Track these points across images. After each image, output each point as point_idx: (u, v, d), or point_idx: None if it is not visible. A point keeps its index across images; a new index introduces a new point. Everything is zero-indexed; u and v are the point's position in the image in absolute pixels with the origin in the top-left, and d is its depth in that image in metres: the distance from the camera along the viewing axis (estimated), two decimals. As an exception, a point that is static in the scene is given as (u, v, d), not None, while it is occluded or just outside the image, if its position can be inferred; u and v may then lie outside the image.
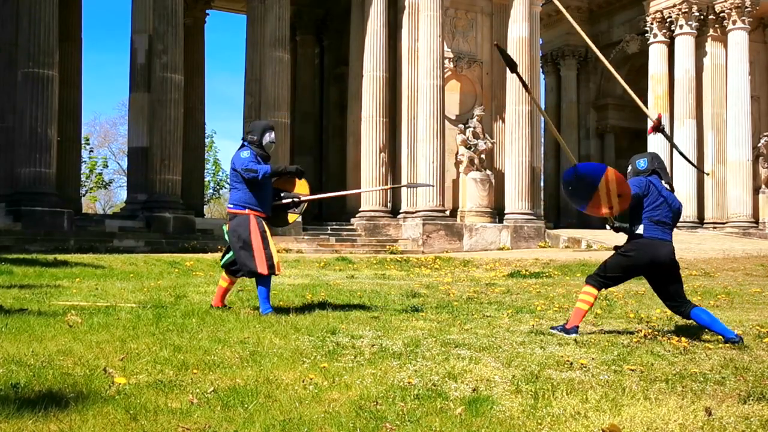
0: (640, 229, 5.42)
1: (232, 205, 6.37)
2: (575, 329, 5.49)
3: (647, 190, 5.45)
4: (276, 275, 6.46)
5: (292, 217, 6.85)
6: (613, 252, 5.68)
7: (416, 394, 3.48)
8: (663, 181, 5.56)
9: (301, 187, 6.83)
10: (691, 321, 5.54)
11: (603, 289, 5.79)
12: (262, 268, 6.17)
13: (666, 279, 5.46)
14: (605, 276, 5.61)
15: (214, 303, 6.68)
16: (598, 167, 5.47)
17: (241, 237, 6.23)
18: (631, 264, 5.47)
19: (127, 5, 35.21)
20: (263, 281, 6.28)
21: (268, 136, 6.47)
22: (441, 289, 9.65)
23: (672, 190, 5.62)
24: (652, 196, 5.44)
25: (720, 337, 5.39)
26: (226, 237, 6.50)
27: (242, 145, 6.49)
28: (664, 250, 5.40)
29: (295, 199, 6.70)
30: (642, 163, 5.64)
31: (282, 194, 6.69)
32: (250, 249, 6.20)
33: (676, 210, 5.52)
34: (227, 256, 6.52)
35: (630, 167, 5.73)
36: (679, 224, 28.28)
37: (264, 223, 6.33)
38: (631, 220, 5.53)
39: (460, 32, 22.15)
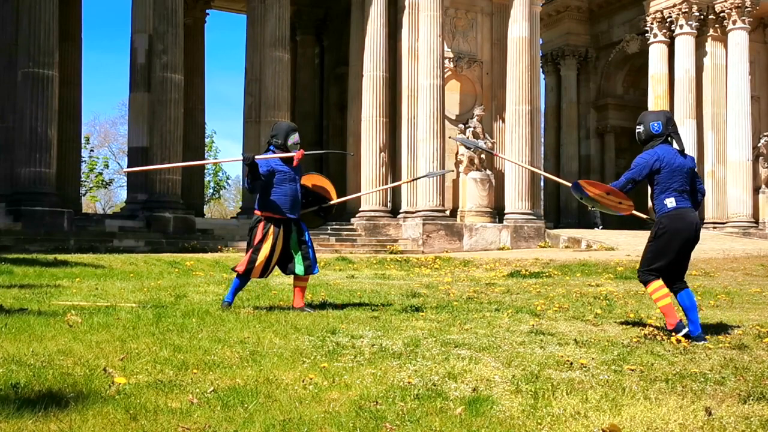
0: (672, 202, 5.33)
1: (255, 205, 6.72)
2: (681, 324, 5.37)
3: (657, 165, 5.29)
4: (251, 278, 6.74)
5: (316, 222, 7.27)
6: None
7: (416, 394, 3.48)
8: (676, 147, 5.38)
9: (325, 187, 7.20)
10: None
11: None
12: (240, 266, 6.56)
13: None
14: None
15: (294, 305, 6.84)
16: (574, 187, 5.62)
17: (251, 236, 6.63)
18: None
19: (127, 5, 35.23)
20: (237, 277, 6.64)
21: (292, 138, 6.60)
22: (441, 289, 9.65)
23: (683, 151, 5.44)
24: (668, 168, 5.30)
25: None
26: None
27: (267, 149, 6.69)
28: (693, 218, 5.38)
29: (323, 206, 7.07)
30: (657, 126, 5.41)
31: (309, 198, 6.98)
32: (250, 248, 6.59)
33: (690, 172, 5.40)
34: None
35: (642, 127, 5.49)
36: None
37: (272, 226, 6.51)
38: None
39: (460, 32, 22.15)
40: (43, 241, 15.66)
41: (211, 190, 46.64)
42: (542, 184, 26.79)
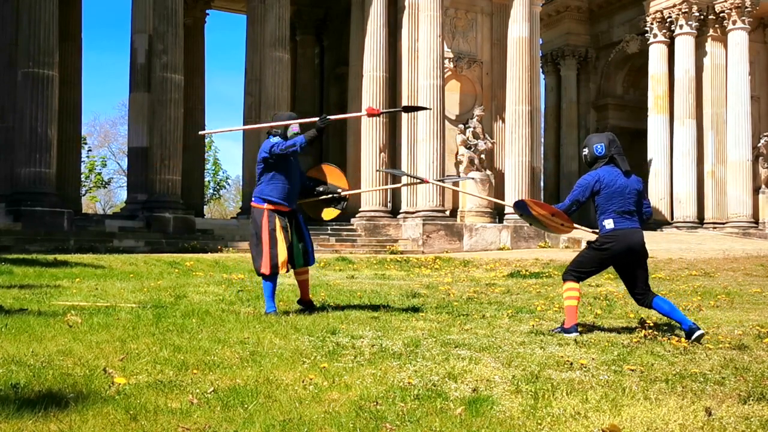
0: (611, 223, 5.47)
1: (253, 199, 6.43)
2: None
3: (597, 187, 5.46)
4: (279, 274, 6.38)
5: (331, 213, 6.77)
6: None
7: (416, 394, 3.48)
8: (621, 169, 5.51)
9: (339, 180, 6.80)
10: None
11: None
12: (265, 268, 6.22)
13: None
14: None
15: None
16: (518, 205, 5.84)
17: (255, 233, 6.34)
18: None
19: (127, 5, 35.24)
20: (267, 280, 6.32)
21: (292, 128, 6.42)
22: (441, 289, 9.65)
23: (628, 174, 5.56)
24: (607, 190, 5.45)
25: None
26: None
27: (267, 138, 6.50)
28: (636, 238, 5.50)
29: (335, 195, 6.69)
30: (600, 148, 5.56)
31: (320, 188, 6.67)
32: (260, 246, 6.27)
33: (634, 192, 5.50)
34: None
35: (587, 150, 5.64)
36: (679, 224, 28.17)
37: (278, 217, 6.29)
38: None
39: (460, 32, 22.15)
40: (43, 241, 15.66)
41: (211, 190, 46.65)
42: (542, 184, 26.81)
